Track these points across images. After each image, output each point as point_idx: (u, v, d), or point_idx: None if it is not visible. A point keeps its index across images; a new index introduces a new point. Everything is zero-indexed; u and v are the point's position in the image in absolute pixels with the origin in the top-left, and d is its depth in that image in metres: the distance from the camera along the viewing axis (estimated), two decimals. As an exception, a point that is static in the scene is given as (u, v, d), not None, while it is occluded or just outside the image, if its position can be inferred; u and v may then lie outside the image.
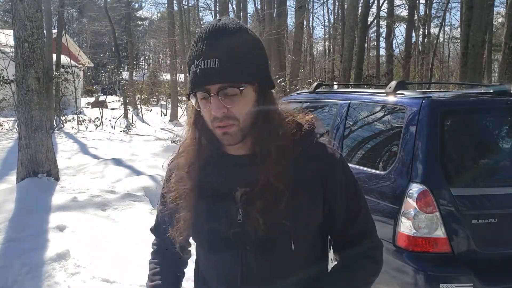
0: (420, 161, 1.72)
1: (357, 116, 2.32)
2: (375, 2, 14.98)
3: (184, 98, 15.25)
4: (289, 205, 0.68)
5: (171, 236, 0.76)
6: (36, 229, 2.92)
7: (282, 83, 10.05)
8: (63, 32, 13.78)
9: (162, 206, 0.82)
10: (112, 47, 27.08)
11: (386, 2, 15.71)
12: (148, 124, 13.87)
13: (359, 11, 10.02)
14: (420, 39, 18.44)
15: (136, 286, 2.28)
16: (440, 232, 1.61)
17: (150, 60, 40.78)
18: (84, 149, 7.34)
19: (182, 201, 0.74)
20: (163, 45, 28.76)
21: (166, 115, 16.58)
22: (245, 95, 0.67)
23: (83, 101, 17.79)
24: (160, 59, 39.57)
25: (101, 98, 16.23)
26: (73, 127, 10.80)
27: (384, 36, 19.92)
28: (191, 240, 0.80)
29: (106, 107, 15.19)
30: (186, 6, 15.14)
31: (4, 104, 9.66)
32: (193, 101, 0.71)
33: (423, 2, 17.77)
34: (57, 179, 4.21)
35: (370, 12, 12.95)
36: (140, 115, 15.85)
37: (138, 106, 16.64)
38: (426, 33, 18.18)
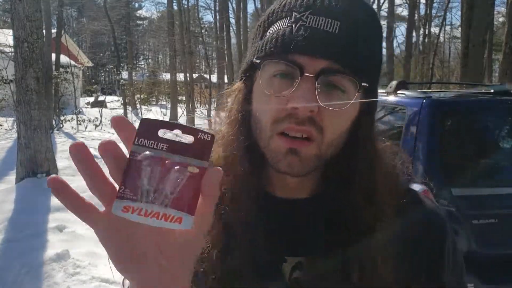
0: (420, 161, 1.72)
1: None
2: (375, 1, 14.99)
3: (184, 98, 15.34)
4: None
5: None
6: (35, 229, 2.92)
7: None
8: (63, 31, 13.77)
9: None
10: (111, 46, 27.08)
11: (386, 1, 15.73)
12: (147, 124, 13.84)
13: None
14: (421, 38, 18.44)
15: (136, 287, 2.27)
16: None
17: (150, 60, 40.78)
18: (83, 149, 7.32)
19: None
20: (162, 45, 28.75)
21: (165, 115, 16.58)
22: (352, 101, 0.41)
23: (83, 101, 17.77)
24: (159, 58, 39.57)
25: (101, 98, 16.22)
26: (72, 127, 10.79)
27: (385, 36, 19.93)
28: None
29: (106, 107, 15.18)
30: (185, 6, 15.13)
31: (4, 104, 9.65)
32: (261, 79, 0.42)
33: (424, 1, 17.78)
34: (56, 179, 4.20)
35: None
36: (140, 115, 15.85)
37: (138, 106, 16.63)
38: (426, 33, 18.18)
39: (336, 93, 0.41)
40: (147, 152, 0.27)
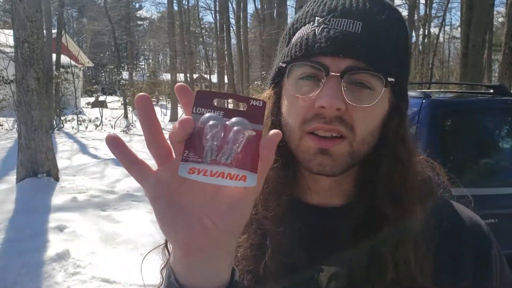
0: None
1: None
2: (375, 2, 14.96)
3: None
4: None
5: None
6: (36, 229, 2.92)
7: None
8: (63, 32, 13.78)
9: None
10: (112, 47, 27.09)
11: (386, 2, 15.69)
12: (148, 124, 13.84)
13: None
14: (420, 39, 18.45)
15: (136, 287, 2.27)
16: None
17: (150, 60, 40.79)
18: (84, 149, 7.34)
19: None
20: (163, 45, 28.77)
21: (166, 115, 16.59)
22: (380, 98, 0.41)
23: (83, 101, 17.79)
24: (160, 59, 39.58)
25: (101, 98, 16.23)
26: (73, 127, 10.79)
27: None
28: None
29: (106, 107, 15.19)
30: (186, 6, 15.14)
31: (4, 104, 9.65)
32: (288, 83, 0.43)
33: (423, 2, 17.78)
34: (57, 179, 4.20)
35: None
36: (140, 115, 15.82)
37: (138, 106, 16.59)
38: (426, 33, 18.18)
39: (362, 91, 0.41)
40: (206, 116, 0.29)
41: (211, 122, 0.28)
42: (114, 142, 0.29)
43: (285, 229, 0.43)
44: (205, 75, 19.98)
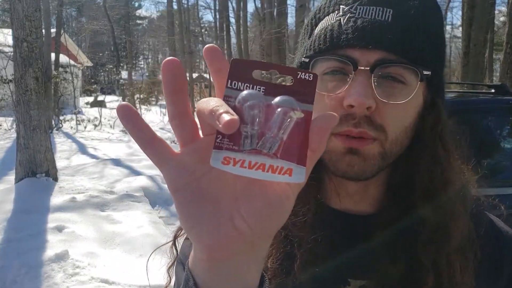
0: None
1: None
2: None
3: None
4: None
5: None
6: (34, 230, 2.91)
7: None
8: (62, 31, 13.75)
9: None
10: (111, 46, 27.06)
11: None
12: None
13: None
14: (420, 38, 18.39)
15: (135, 287, 2.26)
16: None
17: (149, 59, 40.77)
18: (82, 149, 7.32)
19: None
20: (162, 44, 28.76)
21: (165, 114, 16.57)
22: (414, 93, 0.37)
23: (82, 100, 17.77)
24: (159, 58, 39.56)
25: (100, 97, 16.22)
26: (71, 127, 10.77)
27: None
28: None
29: (105, 106, 15.17)
30: (185, 5, 15.13)
31: (3, 103, 9.63)
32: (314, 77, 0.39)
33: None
34: (55, 179, 4.19)
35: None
36: (139, 114, 15.83)
37: (137, 105, 16.63)
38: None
39: (395, 85, 0.37)
40: (245, 93, 0.23)
41: (250, 102, 0.23)
42: (127, 113, 0.24)
43: (318, 237, 0.39)
44: (205, 75, 19.97)
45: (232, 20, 14.76)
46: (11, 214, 3.21)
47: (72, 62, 12.99)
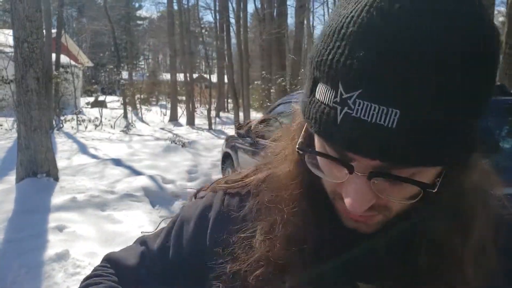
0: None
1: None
2: (375, 1, 14.95)
3: (184, 98, 15.38)
4: None
5: None
6: (35, 230, 2.92)
7: (283, 83, 10.08)
8: (63, 31, 13.77)
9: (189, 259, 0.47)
10: (111, 46, 27.07)
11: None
12: (147, 124, 13.87)
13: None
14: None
15: (136, 287, 2.27)
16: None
17: (150, 60, 40.79)
18: (83, 149, 7.34)
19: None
20: (162, 45, 28.77)
21: (165, 115, 16.59)
22: (422, 173, 0.33)
23: (83, 101, 17.79)
24: (159, 58, 39.57)
25: (101, 98, 16.23)
26: (72, 127, 10.79)
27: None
28: None
29: (106, 107, 15.19)
30: (186, 6, 15.14)
31: (4, 104, 9.65)
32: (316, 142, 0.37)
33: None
34: (56, 179, 4.20)
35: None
36: (140, 115, 15.86)
37: (138, 106, 16.64)
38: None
39: (397, 183, 0.33)
40: None
41: None
42: None
43: (324, 238, 0.39)
44: (205, 75, 19.98)
45: (232, 20, 14.77)
46: (11, 214, 3.22)
47: (72, 62, 13.02)
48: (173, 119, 14.80)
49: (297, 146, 0.38)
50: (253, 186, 0.46)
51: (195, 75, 17.49)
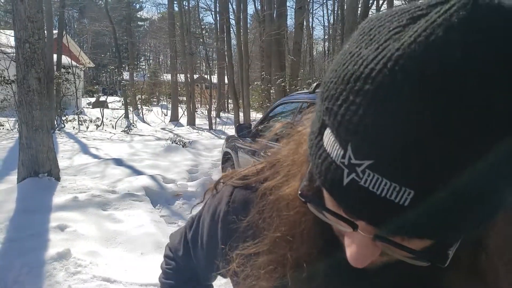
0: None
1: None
2: (375, 2, 15.00)
3: (185, 98, 15.38)
4: None
5: None
6: (37, 229, 2.93)
7: (282, 83, 10.08)
8: (64, 32, 13.81)
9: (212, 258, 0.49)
10: (112, 47, 27.13)
11: (385, 2, 15.73)
12: (148, 124, 13.89)
13: (359, 12, 10.03)
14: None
15: (137, 286, 2.28)
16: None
17: (151, 61, 40.83)
18: (85, 149, 7.36)
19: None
20: (163, 46, 28.80)
21: (166, 115, 16.61)
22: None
23: (84, 101, 17.82)
24: (160, 59, 39.62)
25: (102, 98, 16.26)
26: (74, 127, 10.81)
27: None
28: None
29: (107, 107, 15.21)
30: (186, 7, 15.16)
31: (5, 104, 9.68)
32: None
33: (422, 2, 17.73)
34: (58, 179, 4.22)
35: (370, 13, 12.97)
36: (141, 115, 15.88)
37: (139, 106, 16.66)
38: (426, 34, 18.12)
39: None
40: None
41: None
42: None
43: (321, 253, 0.37)
44: (206, 76, 20.00)
45: (232, 21, 14.79)
46: (13, 214, 3.23)
47: (74, 63, 13.05)
48: (174, 119, 14.82)
49: (299, 192, 0.34)
50: (260, 192, 0.43)
51: (195, 76, 17.50)
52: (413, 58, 0.23)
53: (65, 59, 12.26)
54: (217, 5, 15.23)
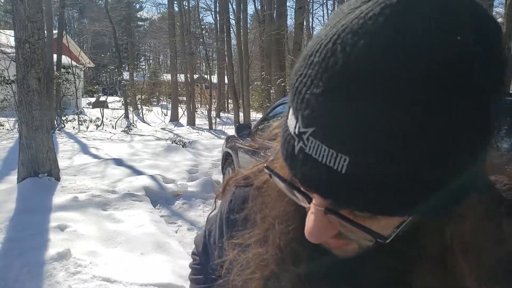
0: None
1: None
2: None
3: (185, 98, 15.39)
4: None
5: None
6: (37, 229, 2.93)
7: (282, 83, 10.08)
8: (64, 32, 13.81)
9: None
10: (112, 47, 27.14)
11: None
12: (148, 124, 13.89)
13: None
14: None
15: (137, 286, 2.28)
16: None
17: (151, 61, 40.83)
18: (84, 149, 7.36)
19: None
20: (163, 46, 28.80)
21: (166, 115, 16.62)
22: (379, 219, 0.31)
23: (84, 101, 17.82)
24: (160, 59, 39.62)
25: (102, 98, 16.27)
26: (74, 127, 10.81)
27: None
28: None
29: (107, 107, 15.21)
30: (186, 7, 15.16)
31: (5, 104, 9.68)
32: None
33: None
34: (58, 179, 4.22)
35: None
36: (141, 115, 15.89)
37: (139, 106, 16.66)
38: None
39: (358, 217, 0.30)
40: None
41: None
42: None
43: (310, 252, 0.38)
44: (206, 76, 20.00)
45: (233, 21, 14.79)
46: (13, 214, 3.23)
47: (74, 63, 13.04)
48: (174, 119, 14.83)
49: (265, 165, 0.36)
50: (256, 185, 0.46)
51: (195, 76, 17.50)
52: (351, 32, 0.26)
53: (65, 59, 12.26)
54: (217, 5, 15.23)
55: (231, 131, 10.66)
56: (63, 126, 10.60)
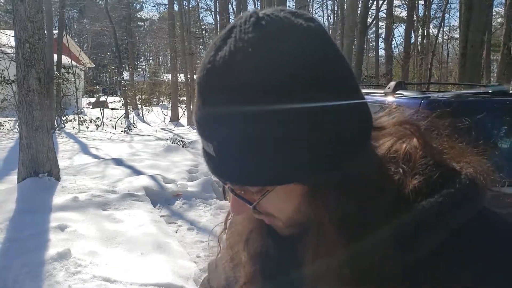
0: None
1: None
2: (374, 2, 15.00)
3: (185, 98, 15.38)
4: None
5: None
6: (37, 229, 2.93)
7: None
8: (64, 32, 13.81)
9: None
10: (113, 47, 27.14)
11: (385, 2, 15.73)
12: (148, 124, 13.90)
13: (358, 12, 10.03)
14: (419, 39, 18.44)
15: (137, 286, 2.29)
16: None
17: (151, 61, 40.83)
18: (85, 149, 7.36)
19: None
20: (163, 46, 28.80)
21: (166, 115, 16.62)
22: (281, 190, 0.36)
23: (84, 101, 17.82)
24: (160, 59, 39.62)
25: (102, 98, 16.28)
26: (74, 127, 10.81)
27: (383, 37, 19.94)
28: None
29: (107, 107, 15.22)
30: (186, 7, 15.17)
31: (5, 104, 9.68)
32: None
33: (422, 2, 17.78)
34: (58, 179, 4.22)
35: (369, 13, 12.97)
36: (141, 115, 15.89)
37: (139, 106, 16.67)
38: (425, 34, 18.18)
39: (259, 192, 0.38)
40: None
41: None
42: None
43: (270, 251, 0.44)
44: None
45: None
46: (13, 214, 3.23)
47: (74, 63, 13.05)
48: (174, 119, 14.83)
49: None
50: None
51: (195, 76, 17.49)
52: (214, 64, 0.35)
53: (65, 59, 12.27)
54: (217, 5, 15.24)
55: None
56: (63, 126, 10.59)
